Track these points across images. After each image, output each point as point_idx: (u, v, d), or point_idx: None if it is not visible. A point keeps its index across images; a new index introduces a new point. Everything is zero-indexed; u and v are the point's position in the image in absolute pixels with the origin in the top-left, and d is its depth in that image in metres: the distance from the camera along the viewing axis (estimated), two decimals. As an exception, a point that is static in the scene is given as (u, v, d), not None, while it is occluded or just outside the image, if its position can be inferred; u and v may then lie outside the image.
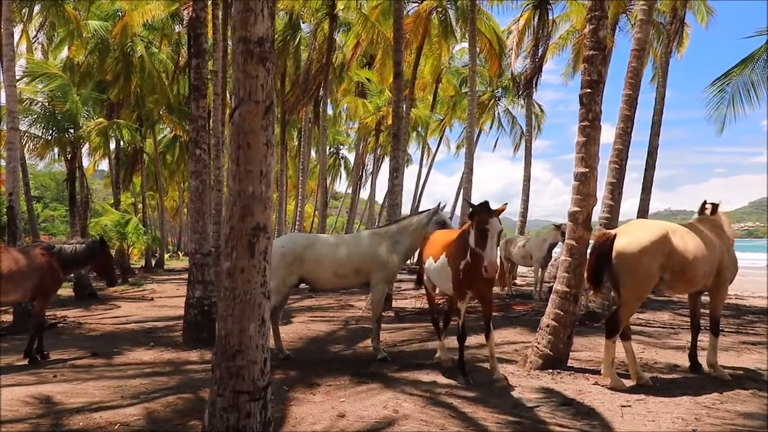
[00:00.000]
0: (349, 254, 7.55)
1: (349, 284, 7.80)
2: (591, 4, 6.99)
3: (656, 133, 16.72)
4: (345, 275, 7.55)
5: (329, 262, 7.50)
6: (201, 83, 8.96)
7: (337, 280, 7.61)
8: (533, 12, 21.16)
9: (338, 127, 39.88)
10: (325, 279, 7.58)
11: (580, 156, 7.06)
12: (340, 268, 7.50)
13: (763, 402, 5.64)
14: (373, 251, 7.59)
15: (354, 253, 7.57)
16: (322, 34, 21.37)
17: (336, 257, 7.53)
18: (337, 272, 7.50)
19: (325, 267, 7.49)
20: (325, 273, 7.52)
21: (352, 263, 7.51)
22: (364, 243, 7.71)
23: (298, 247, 7.52)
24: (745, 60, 11.63)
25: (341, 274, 7.52)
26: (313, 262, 7.47)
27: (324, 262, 7.49)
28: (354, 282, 7.72)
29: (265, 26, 3.19)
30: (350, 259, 7.51)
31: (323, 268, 7.48)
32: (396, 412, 5.30)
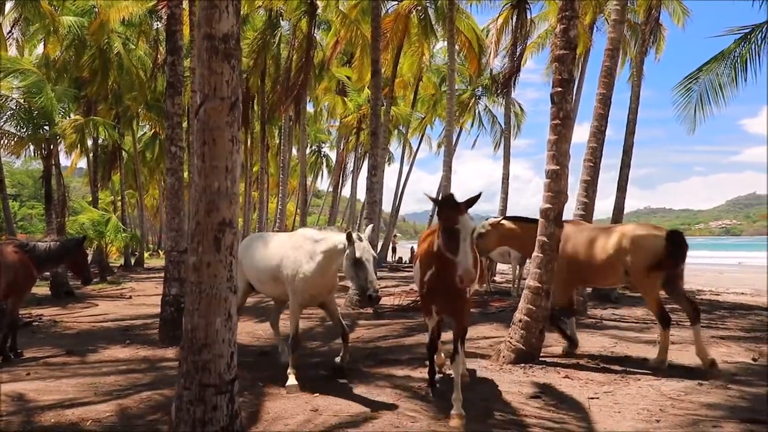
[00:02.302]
0: (268, 257, 6.45)
1: (275, 292, 6.71)
2: (562, 4, 7.11)
3: (631, 132, 16.93)
4: (265, 282, 6.58)
5: (251, 265, 6.70)
6: (176, 80, 8.94)
7: (264, 288, 6.78)
8: (512, 11, 21.31)
9: (319, 125, 39.86)
10: (257, 286, 6.84)
11: (551, 154, 7.18)
12: (261, 274, 6.56)
13: (725, 393, 5.80)
14: (286, 256, 6.21)
15: (273, 256, 6.39)
16: (302, 32, 21.34)
17: (257, 260, 6.62)
18: (260, 278, 6.62)
19: (251, 270, 6.74)
20: (252, 278, 6.79)
21: (270, 269, 6.40)
22: (284, 244, 6.42)
23: (242, 247, 6.68)
24: (713, 59, 11.81)
25: (263, 280, 6.60)
26: (247, 264, 6.74)
27: (249, 265, 6.73)
28: (278, 290, 6.52)
29: (230, 23, 3.22)
30: (269, 262, 6.42)
31: (253, 272, 6.72)
32: (369, 407, 5.37)
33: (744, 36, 11.63)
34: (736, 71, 11.93)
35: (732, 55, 11.88)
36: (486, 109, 35.10)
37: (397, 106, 30.08)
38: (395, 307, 13.16)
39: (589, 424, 4.91)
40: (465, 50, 22.74)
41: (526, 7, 21.26)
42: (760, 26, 11.43)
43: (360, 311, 12.46)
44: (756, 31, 11.47)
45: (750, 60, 11.70)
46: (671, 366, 7.00)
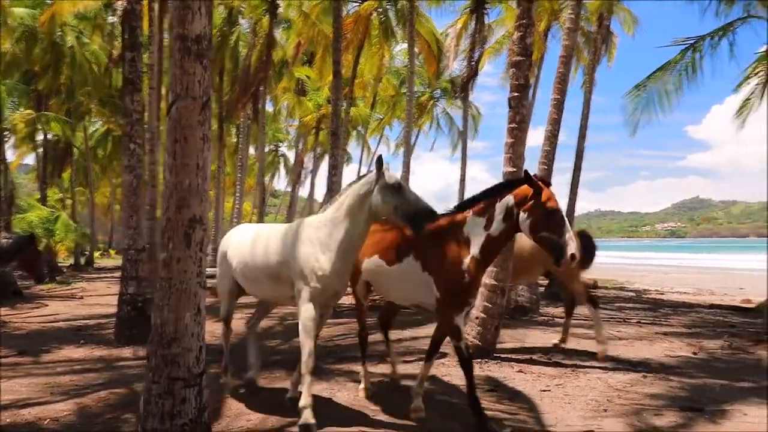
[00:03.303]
0: (266, 251, 5.15)
1: (270, 295, 5.45)
2: (519, 12, 7.37)
3: (583, 137, 17.51)
4: (256, 280, 5.29)
5: (241, 261, 5.41)
6: (136, 77, 8.85)
7: (251, 285, 5.46)
8: (470, 16, 21.71)
9: (278, 124, 39.60)
10: (247, 286, 5.54)
11: (508, 156, 7.44)
12: (255, 272, 5.26)
13: (667, 384, 6.16)
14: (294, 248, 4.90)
15: (271, 250, 5.11)
16: (262, 31, 21.24)
17: (249, 255, 5.32)
18: (254, 277, 5.30)
19: (241, 268, 5.45)
20: (242, 277, 5.49)
21: (269, 265, 5.10)
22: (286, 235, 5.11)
23: (226, 240, 5.88)
24: (661, 68, 12.38)
25: (251, 277, 5.33)
26: (235, 261, 5.51)
27: (238, 262, 5.47)
28: (275, 293, 5.27)
29: (203, 24, 3.30)
30: (268, 258, 5.10)
31: (243, 269, 5.42)
32: (331, 402, 5.49)
33: (690, 46, 12.23)
34: (681, 80, 12.55)
35: (678, 64, 12.49)
36: (444, 112, 35.59)
37: (357, 107, 30.19)
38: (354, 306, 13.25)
39: (541, 415, 5.16)
40: (424, 53, 23.05)
41: (484, 12, 21.70)
42: (704, 37, 12.05)
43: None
44: (700, 42, 12.08)
45: (695, 69, 12.32)
46: (618, 360, 7.37)
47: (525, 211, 4.62)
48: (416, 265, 5.00)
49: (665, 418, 4.99)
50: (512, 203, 4.71)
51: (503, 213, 4.74)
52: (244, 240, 5.51)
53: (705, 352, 8.06)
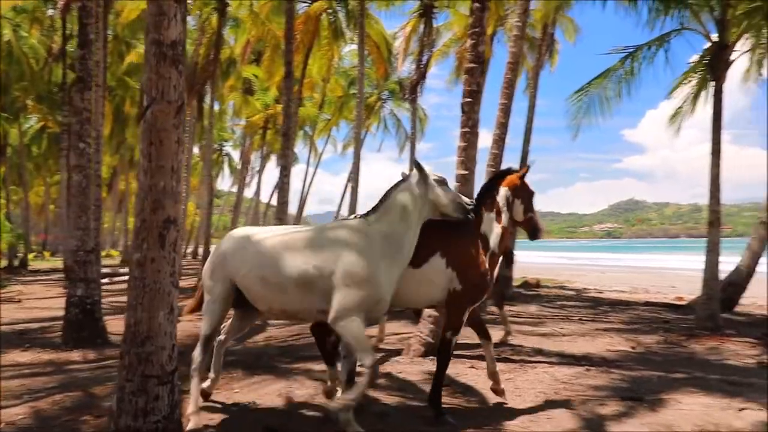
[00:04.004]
0: (296, 256, 4.55)
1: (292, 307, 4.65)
2: (472, 20, 7.65)
3: (527, 140, 18.08)
4: (280, 289, 4.55)
5: (256, 266, 4.65)
6: (86, 74, 8.70)
7: (269, 295, 4.64)
8: (419, 20, 22.09)
9: (223, 123, 39.04)
10: (258, 292, 4.70)
11: (461, 159, 7.70)
12: (272, 278, 4.56)
13: (608, 377, 6.56)
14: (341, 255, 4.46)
15: (305, 256, 4.54)
16: (210, 29, 20.98)
17: (270, 257, 4.62)
18: (268, 282, 4.57)
19: (252, 273, 4.68)
20: (254, 284, 4.69)
21: (299, 272, 4.48)
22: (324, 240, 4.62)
23: (225, 243, 5.03)
24: (601, 75, 12.99)
25: (274, 286, 4.56)
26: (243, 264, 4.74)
27: (249, 267, 4.70)
28: (300, 304, 4.59)
29: (178, 30, 3.38)
30: (297, 264, 4.50)
31: (253, 273, 4.67)
32: (290, 401, 5.59)
33: (628, 55, 12.87)
34: (620, 86, 13.19)
35: (618, 71, 13.12)
36: (391, 113, 35.91)
37: (305, 107, 30.14)
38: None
39: (493, 407, 5.43)
40: (373, 55, 23.28)
41: (433, 16, 22.11)
42: (641, 47, 12.70)
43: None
44: (638, 51, 12.73)
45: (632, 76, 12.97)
46: (563, 355, 7.77)
47: (517, 197, 5.10)
48: (442, 263, 5.01)
49: (608, 407, 5.33)
50: (509, 193, 5.09)
51: (505, 204, 5.08)
52: (262, 244, 4.73)
53: (642, 347, 8.56)
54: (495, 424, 4.85)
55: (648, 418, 5.02)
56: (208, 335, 4.98)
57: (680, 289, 18.70)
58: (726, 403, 5.43)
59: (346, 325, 4.36)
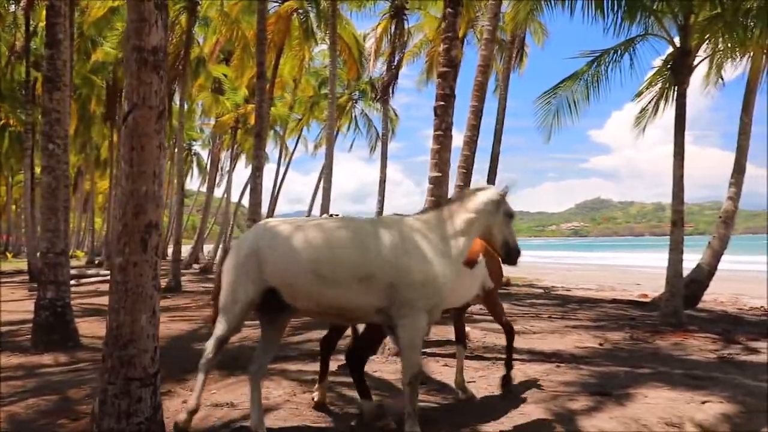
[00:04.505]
0: (358, 250, 4.26)
1: (347, 304, 4.30)
2: (445, 25, 7.78)
3: (498, 141, 18.40)
4: (337, 284, 4.20)
5: (309, 257, 4.22)
6: (55, 74, 8.57)
7: (324, 290, 4.23)
8: (390, 21, 22.21)
9: (191, 122, 38.61)
10: (302, 287, 4.25)
11: (434, 162, 7.83)
12: (329, 272, 4.20)
13: (578, 373, 6.76)
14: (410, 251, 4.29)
15: (369, 250, 4.26)
16: (180, 28, 20.76)
17: (325, 250, 4.26)
18: (324, 277, 4.19)
19: (304, 266, 4.21)
20: (304, 276, 4.21)
21: (362, 265, 4.22)
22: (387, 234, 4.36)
23: (259, 235, 4.45)
24: (569, 78, 13.29)
25: (330, 281, 4.20)
26: (289, 258, 4.24)
27: (303, 258, 4.22)
28: (356, 301, 4.26)
29: (159, 36, 3.41)
30: (359, 258, 4.24)
31: (304, 268, 4.21)
32: (267, 399, 5.63)
33: (595, 59, 13.19)
34: (588, 89, 13.52)
35: (585, 75, 13.44)
36: (362, 113, 35.95)
37: (275, 107, 30.02)
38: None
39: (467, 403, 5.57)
40: (345, 55, 23.33)
41: (404, 17, 22.26)
42: (607, 51, 13.03)
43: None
44: (604, 55, 13.06)
45: (599, 80, 13.31)
46: (533, 352, 7.98)
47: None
48: (483, 262, 5.54)
49: (578, 402, 5.51)
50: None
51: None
52: (310, 236, 4.33)
53: (610, 343, 8.82)
54: (470, 420, 4.98)
55: (616, 411, 5.22)
56: (224, 338, 4.54)
57: (645, 287, 19.21)
58: (689, 396, 5.66)
59: (409, 325, 4.23)
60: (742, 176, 14.00)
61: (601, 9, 11.33)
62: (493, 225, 4.67)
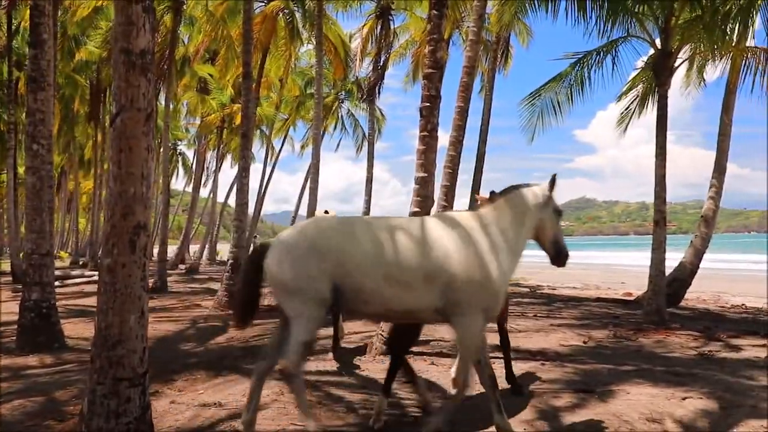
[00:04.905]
0: (422, 248, 4.16)
1: (414, 303, 4.16)
2: (430, 27, 7.85)
3: (484, 141, 18.51)
4: (403, 284, 4.09)
5: (378, 258, 4.10)
6: (39, 75, 8.53)
7: (388, 291, 4.09)
8: (376, 21, 22.27)
9: (177, 122, 38.43)
10: (371, 289, 4.10)
11: (420, 162, 7.90)
12: (396, 272, 4.08)
13: (562, 370, 6.87)
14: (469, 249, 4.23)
15: (431, 246, 4.17)
16: (164, 27, 20.66)
17: (391, 248, 4.14)
18: (391, 277, 4.07)
19: (375, 268, 4.08)
20: (374, 278, 4.08)
21: (425, 262, 4.12)
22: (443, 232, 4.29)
23: (324, 232, 4.20)
24: (553, 79, 13.44)
25: (397, 281, 4.08)
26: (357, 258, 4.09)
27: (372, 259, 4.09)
28: (419, 301, 4.15)
29: (147, 39, 3.44)
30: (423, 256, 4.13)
31: (375, 270, 4.08)
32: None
33: (578, 61, 13.35)
34: (571, 90, 13.68)
35: (568, 77, 13.60)
36: (349, 113, 35.97)
37: (261, 107, 29.96)
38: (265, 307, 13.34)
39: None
40: (331, 56, 23.34)
41: (390, 18, 22.33)
42: (590, 53, 13.19)
43: (229, 312, 12.53)
44: (587, 57, 13.23)
45: (582, 81, 13.47)
46: (519, 350, 8.06)
47: None
48: None
49: (563, 399, 5.60)
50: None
51: None
52: (376, 235, 4.19)
53: (594, 341, 8.94)
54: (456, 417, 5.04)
55: (599, 408, 5.31)
56: (309, 342, 4.26)
57: (629, 285, 19.44)
58: (670, 392, 5.78)
59: (469, 323, 4.19)
60: (723, 176, 14.24)
61: (584, 11, 11.48)
62: (544, 221, 4.60)
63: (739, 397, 5.63)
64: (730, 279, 24.18)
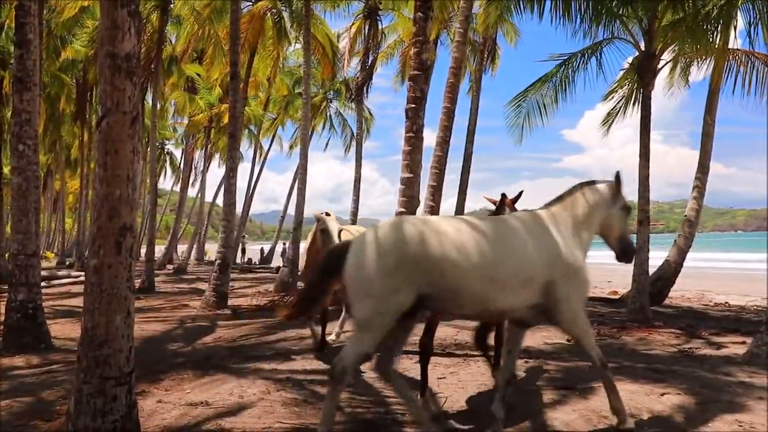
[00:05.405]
0: (523, 249, 4.15)
1: (512, 302, 4.13)
2: (415, 30, 7.94)
3: (471, 141, 18.64)
4: (506, 286, 4.05)
5: (480, 259, 3.98)
6: (25, 75, 8.52)
7: (492, 293, 4.03)
8: (364, 21, 22.33)
9: (164, 121, 38.27)
10: (470, 292, 4.00)
11: (405, 163, 7.99)
12: (500, 274, 4.02)
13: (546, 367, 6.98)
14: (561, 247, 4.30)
15: (526, 246, 4.17)
16: (151, 26, 20.61)
17: (491, 251, 4.03)
18: (496, 279, 4.00)
19: (476, 270, 3.97)
20: (474, 280, 3.97)
21: (523, 263, 4.10)
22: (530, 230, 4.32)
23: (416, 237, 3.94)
24: (539, 80, 13.58)
25: (500, 283, 4.02)
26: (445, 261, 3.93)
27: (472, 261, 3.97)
28: (517, 301, 4.14)
29: (132, 43, 3.48)
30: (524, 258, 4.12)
31: (475, 272, 3.96)
32: (242, 398, 5.72)
33: (563, 62, 13.50)
34: (557, 92, 13.82)
35: (554, 78, 13.74)
36: (337, 113, 36.00)
37: (250, 106, 29.93)
38: (253, 307, 13.42)
39: (439, 399, 5.73)
40: (319, 55, 23.37)
41: (377, 18, 22.41)
42: (575, 54, 13.34)
43: (217, 312, 12.56)
44: (573, 58, 13.37)
45: (568, 82, 13.62)
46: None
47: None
48: None
49: (545, 396, 5.71)
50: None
51: None
52: (473, 236, 4.09)
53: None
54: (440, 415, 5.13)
55: (579, 404, 5.42)
56: (370, 355, 4.40)
57: (616, 284, 19.60)
58: (649, 389, 5.90)
59: (575, 320, 4.30)
60: (706, 176, 14.45)
61: (569, 13, 11.61)
62: (612, 218, 4.67)
63: (717, 392, 5.76)
64: (715, 277, 24.50)
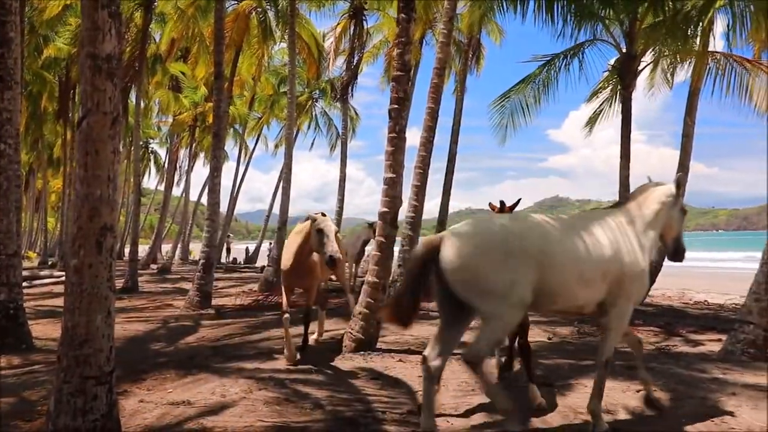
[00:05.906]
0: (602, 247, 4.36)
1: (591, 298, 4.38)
2: (398, 31, 7.99)
3: (455, 141, 18.74)
4: (591, 282, 4.27)
5: (574, 255, 4.23)
6: (6, 73, 8.46)
7: (578, 290, 4.26)
8: (349, 21, 22.35)
9: (148, 120, 37.99)
10: (564, 287, 4.22)
11: (388, 163, 8.04)
12: (588, 271, 4.25)
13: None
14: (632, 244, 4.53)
15: (606, 245, 4.37)
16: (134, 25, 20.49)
17: (582, 248, 4.28)
18: (584, 276, 4.22)
19: (570, 269, 4.19)
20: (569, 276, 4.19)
21: (605, 261, 4.32)
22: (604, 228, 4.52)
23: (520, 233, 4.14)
24: (522, 81, 13.72)
25: (587, 279, 4.24)
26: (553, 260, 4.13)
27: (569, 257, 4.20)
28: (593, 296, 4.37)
29: (113, 44, 3.51)
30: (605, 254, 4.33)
31: (570, 268, 4.19)
32: (224, 397, 5.75)
33: (546, 63, 13.63)
34: (539, 92, 13.97)
35: (537, 79, 13.88)
36: (322, 112, 35.94)
37: (235, 105, 29.82)
38: (236, 306, 13.44)
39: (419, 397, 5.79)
40: (304, 55, 23.35)
41: (363, 18, 22.42)
42: (558, 55, 13.49)
43: (201, 312, 12.54)
44: (555, 59, 13.52)
45: (550, 83, 13.77)
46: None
47: None
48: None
49: (524, 394, 5.79)
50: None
51: None
52: (566, 233, 4.33)
53: (558, 337, 9.20)
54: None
55: (558, 401, 5.51)
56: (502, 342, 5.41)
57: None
58: (626, 385, 6.02)
59: (623, 313, 4.50)
60: (686, 176, 14.63)
61: (551, 14, 11.73)
62: (672, 219, 4.88)
63: (691, 389, 5.90)
64: (696, 276, 24.85)
